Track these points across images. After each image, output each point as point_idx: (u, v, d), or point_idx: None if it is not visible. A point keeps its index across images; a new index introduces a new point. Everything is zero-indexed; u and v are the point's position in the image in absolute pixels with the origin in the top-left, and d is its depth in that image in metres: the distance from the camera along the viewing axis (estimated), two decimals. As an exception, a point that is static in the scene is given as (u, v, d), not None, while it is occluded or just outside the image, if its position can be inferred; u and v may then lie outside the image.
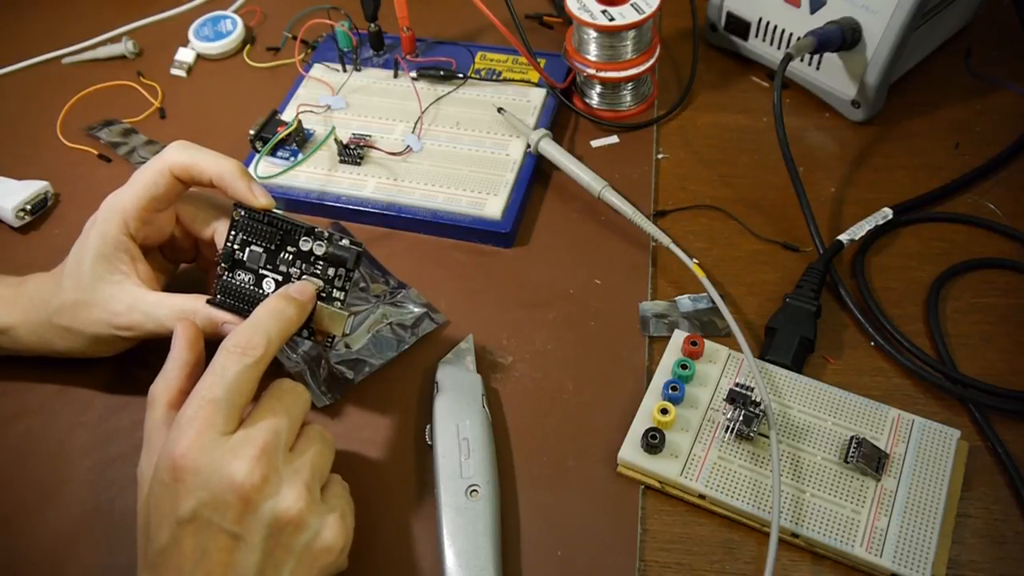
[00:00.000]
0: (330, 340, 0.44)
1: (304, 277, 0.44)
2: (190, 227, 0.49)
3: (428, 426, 0.47)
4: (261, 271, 0.44)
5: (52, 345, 0.48)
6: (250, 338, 0.39)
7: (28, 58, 0.73)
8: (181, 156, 0.45)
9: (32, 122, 0.68)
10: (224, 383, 0.38)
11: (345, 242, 0.43)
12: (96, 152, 0.65)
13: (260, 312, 0.41)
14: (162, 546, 0.36)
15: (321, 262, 0.44)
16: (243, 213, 0.44)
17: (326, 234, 0.44)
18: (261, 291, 0.44)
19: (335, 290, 0.44)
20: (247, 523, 0.36)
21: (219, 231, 0.48)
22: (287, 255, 0.44)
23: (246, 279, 0.45)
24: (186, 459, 0.36)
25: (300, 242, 0.44)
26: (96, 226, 0.46)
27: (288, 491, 0.37)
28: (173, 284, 0.51)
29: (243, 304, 0.45)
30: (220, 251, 0.45)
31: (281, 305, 0.42)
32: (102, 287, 0.46)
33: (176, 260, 0.52)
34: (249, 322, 0.40)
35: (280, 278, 0.44)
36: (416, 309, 0.53)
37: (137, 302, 0.45)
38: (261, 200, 0.44)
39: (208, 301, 0.45)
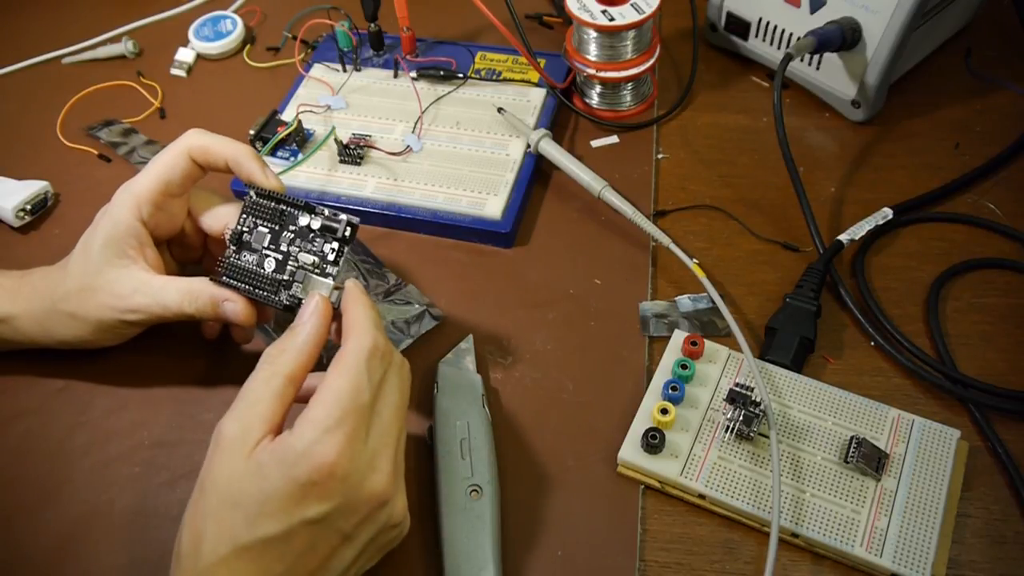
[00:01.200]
0: None
1: (300, 254, 0.44)
2: (200, 219, 0.49)
3: (428, 426, 0.47)
4: (264, 251, 0.45)
5: (55, 334, 0.48)
6: (387, 343, 0.40)
7: (28, 58, 0.73)
8: (198, 139, 0.47)
9: (32, 122, 0.68)
10: (372, 389, 0.38)
11: (341, 217, 0.44)
12: (96, 152, 0.65)
13: (372, 313, 0.41)
14: (270, 536, 0.35)
15: (318, 238, 0.44)
16: (254, 196, 0.46)
17: (324, 210, 0.44)
18: (263, 270, 0.45)
19: (328, 265, 0.44)
20: (364, 528, 0.37)
21: (229, 224, 0.48)
22: (288, 234, 0.45)
23: (251, 259, 0.45)
24: (337, 467, 0.36)
25: (299, 218, 0.45)
26: (108, 212, 0.47)
27: (400, 498, 0.39)
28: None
29: (246, 283, 0.45)
30: (230, 232, 0.46)
31: (371, 301, 0.42)
32: (108, 271, 0.46)
33: (183, 259, 0.52)
34: (375, 323, 0.40)
35: (280, 257, 0.45)
36: (416, 306, 0.53)
37: (143, 285, 0.46)
38: (272, 182, 0.46)
39: (211, 279, 0.46)
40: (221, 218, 0.48)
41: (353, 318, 0.40)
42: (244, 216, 0.46)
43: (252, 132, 0.59)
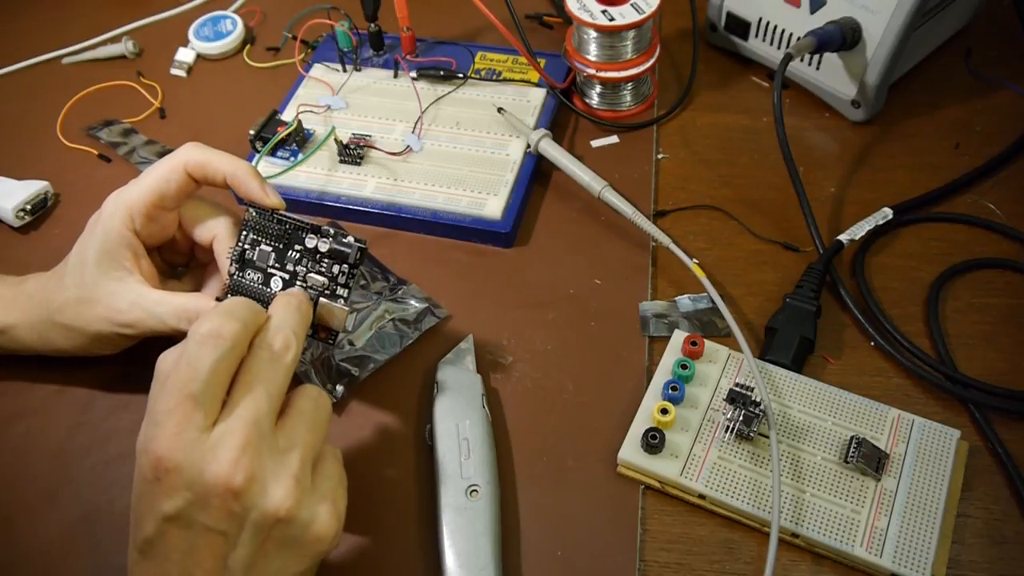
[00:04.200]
0: (332, 337, 0.45)
1: (310, 275, 0.44)
2: (191, 229, 0.48)
3: (428, 426, 0.47)
4: (270, 270, 0.45)
5: (53, 344, 0.48)
6: (222, 324, 0.37)
7: (28, 58, 0.73)
8: (196, 155, 0.45)
9: (32, 122, 0.68)
10: (201, 376, 0.36)
11: (349, 239, 0.44)
12: (96, 152, 0.65)
13: (229, 301, 0.39)
14: (149, 537, 0.36)
15: (326, 259, 0.44)
16: (254, 213, 0.45)
17: (331, 231, 0.44)
18: (269, 290, 0.44)
19: (339, 287, 0.44)
20: (233, 521, 0.35)
21: (219, 238, 0.47)
22: (294, 253, 0.44)
23: (255, 278, 0.45)
24: (167, 459, 0.35)
25: (305, 239, 0.44)
26: (100, 222, 0.46)
27: (275, 487, 0.36)
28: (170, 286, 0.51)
29: None
30: (231, 251, 0.45)
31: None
32: (105, 283, 0.45)
33: (172, 263, 0.51)
34: (218, 308, 0.38)
35: (287, 276, 0.44)
36: (418, 304, 0.53)
37: (140, 299, 0.45)
38: (272, 200, 0.45)
39: (217, 299, 0.45)
40: (211, 229, 0.47)
41: (221, 304, 0.39)
42: (244, 233, 0.45)
43: (252, 132, 0.59)
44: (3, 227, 0.61)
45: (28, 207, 0.60)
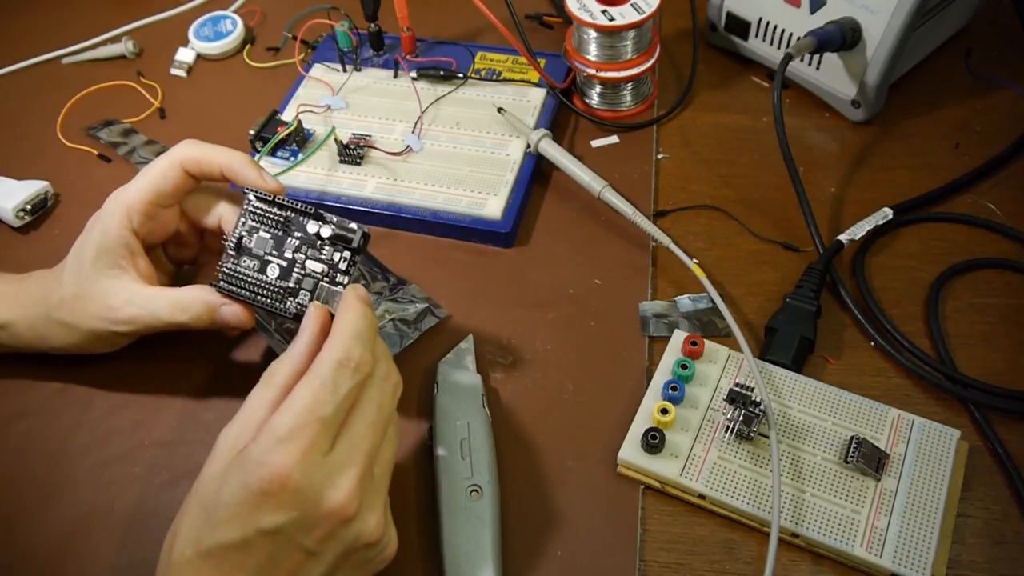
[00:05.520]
0: None
1: (308, 262, 0.44)
2: (195, 216, 0.49)
3: (428, 426, 0.47)
4: (267, 257, 0.45)
5: (51, 341, 0.48)
6: (363, 354, 0.38)
7: (28, 58, 0.73)
8: (191, 151, 0.46)
9: (32, 122, 0.68)
10: (336, 401, 0.36)
11: (351, 225, 0.44)
12: (96, 152, 0.65)
13: (359, 323, 0.39)
14: (229, 542, 0.35)
15: (327, 246, 0.44)
16: (253, 199, 0.45)
17: (333, 218, 0.44)
18: (265, 277, 0.44)
19: (339, 274, 0.44)
20: (327, 544, 0.36)
21: (224, 218, 0.47)
22: (293, 240, 0.44)
23: (251, 265, 0.45)
24: (290, 480, 0.34)
25: (307, 225, 0.44)
26: (99, 220, 0.46)
27: (371, 516, 0.37)
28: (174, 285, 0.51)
29: (245, 290, 0.45)
30: (228, 237, 0.45)
31: (365, 310, 0.40)
32: (101, 281, 0.46)
33: (179, 260, 0.52)
34: (353, 333, 0.38)
35: (285, 264, 0.44)
36: (418, 304, 0.53)
37: (134, 296, 0.46)
38: (272, 184, 0.45)
39: (211, 284, 0.45)
40: (216, 213, 0.48)
41: (335, 326, 0.39)
42: (243, 220, 0.45)
43: (252, 132, 0.59)
44: (3, 227, 0.61)
45: (28, 207, 0.60)
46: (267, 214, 0.45)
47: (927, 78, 0.66)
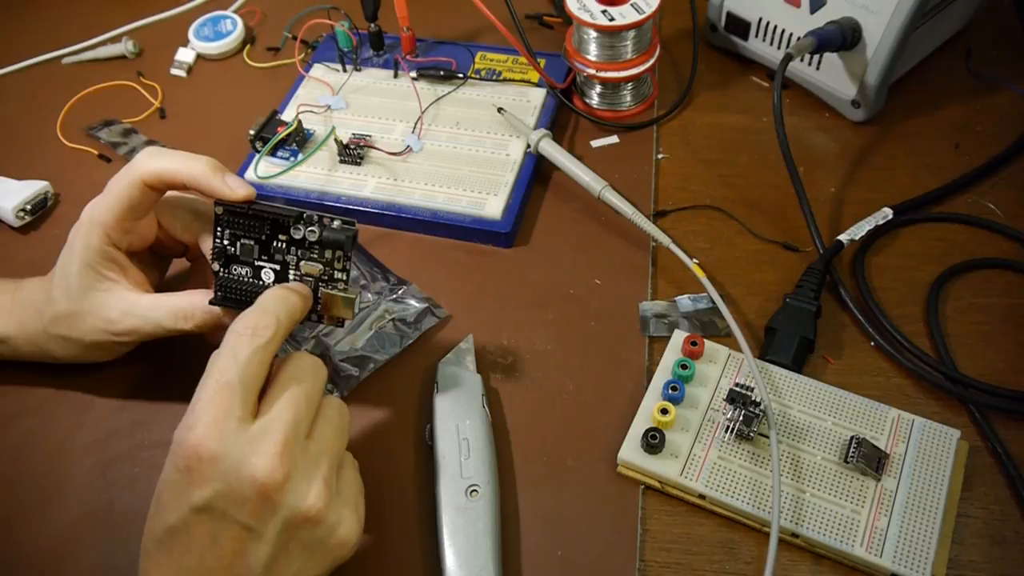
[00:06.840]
0: (341, 322, 0.45)
1: (303, 263, 0.44)
2: (172, 233, 0.48)
3: (428, 426, 0.47)
4: (257, 263, 0.44)
5: (52, 354, 0.48)
6: (259, 319, 0.39)
7: (28, 58, 0.73)
8: (150, 164, 0.44)
9: (32, 122, 0.68)
10: (237, 366, 0.37)
11: (337, 224, 0.43)
12: (96, 152, 0.65)
13: (265, 297, 0.41)
14: (171, 526, 0.36)
15: (316, 247, 0.43)
16: (221, 210, 0.43)
17: (316, 218, 0.43)
18: (261, 282, 0.44)
19: (335, 272, 0.44)
20: (263, 518, 0.36)
21: (203, 235, 0.46)
22: (280, 243, 0.43)
23: (243, 272, 0.44)
24: (203, 448, 0.35)
25: (292, 230, 0.43)
26: (79, 236, 0.45)
27: (308, 488, 0.37)
28: (167, 283, 0.51)
29: (244, 297, 0.44)
30: (212, 251, 0.44)
31: (284, 292, 0.42)
32: (93, 295, 0.45)
33: (166, 256, 0.51)
34: (256, 306, 0.40)
35: (278, 267, 0.44)
36: (417, 304, 0.53)
37: (131, 307, 0.45)
38: (239, 192, 0.43)
39: (210, 302, 0.45)
40: (191, 230, 0.47)
41: (259, 299, 0.41)
42: (220, 230, 0.44)
43: (252, 132, 0.59)
44: (3, 227, 0.61)
45: (28, 207, 0.60)
46: (244, 221, 0.43)
47: (927, 78, 0.66)
